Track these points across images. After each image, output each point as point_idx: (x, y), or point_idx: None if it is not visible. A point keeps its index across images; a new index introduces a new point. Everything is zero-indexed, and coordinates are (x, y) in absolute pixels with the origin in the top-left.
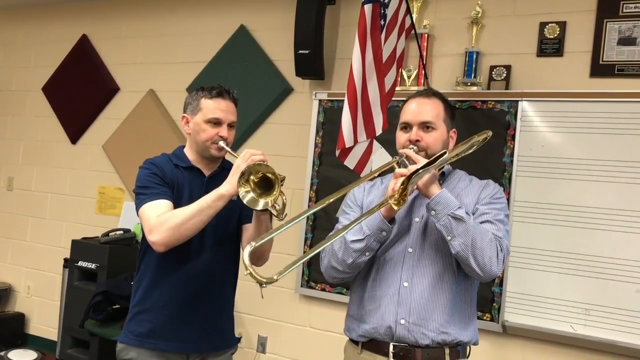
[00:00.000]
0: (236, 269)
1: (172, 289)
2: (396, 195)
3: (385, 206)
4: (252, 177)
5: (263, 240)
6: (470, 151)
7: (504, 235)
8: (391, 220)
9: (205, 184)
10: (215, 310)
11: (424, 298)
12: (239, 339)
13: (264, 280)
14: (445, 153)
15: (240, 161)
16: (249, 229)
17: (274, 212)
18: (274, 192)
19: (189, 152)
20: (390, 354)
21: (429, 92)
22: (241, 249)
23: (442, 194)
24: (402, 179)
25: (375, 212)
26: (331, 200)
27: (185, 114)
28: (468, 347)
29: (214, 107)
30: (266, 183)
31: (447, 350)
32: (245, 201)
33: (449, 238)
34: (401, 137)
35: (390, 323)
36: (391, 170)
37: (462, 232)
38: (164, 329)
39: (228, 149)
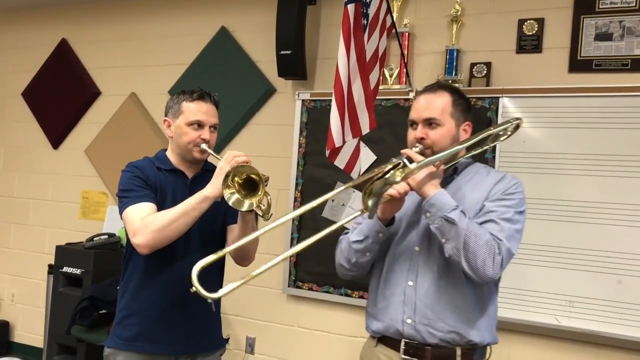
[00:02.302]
0: (221, 271)
1: (158, 292)
2: (362, 207)
3: (380, 206)
4: (236, 179)
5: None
6: (499, 142)
7: (508, 237)
8: (390, 222)
9: (189, 186)
10: (202, 312)
11: (429, 297)
12: (227, 340)
13: (210, 296)
14: (399, 163)
15: (224, 163)
16: (234, 230)
17: (260, 213)
18: (259, 193)
19: (171, 155)
20: (402, 350)
21: (435, 86)
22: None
23: (436, 196)
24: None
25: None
26: (316, 203)
27: (166, 118)
28: (487, 349)
29: (196, 110)
30: (250, 184)
31: (458, 351)
32: (230, 203)
33: (442, 241)
34: (409, 135)
35: (397, 322)
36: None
37: (453, 236)
38: (152, 331)
39: (210, 151)
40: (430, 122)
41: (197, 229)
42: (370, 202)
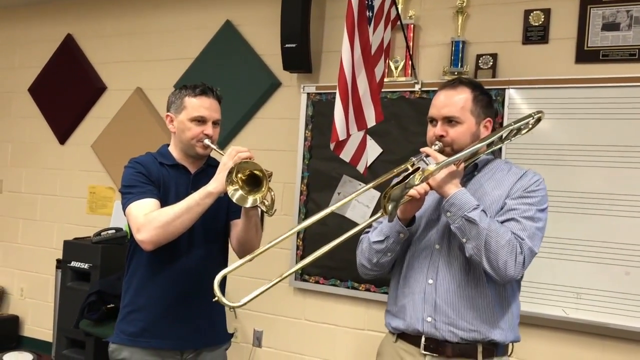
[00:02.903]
0: (225, 265)
1: (162, 287)
2: (382, 211)
3: (399, 207)
4: (239, 175)
5: (231, 269)
6: (521, 134)
7: (531, 235)
8: (410, 222)
9: (192, 181)
10: (207, 307)
11: (450, 296)
12: (232, 335)
13: (233, 305)
14: (418, 168)
15: (227, 159)
16: (237, 225)
17: (264, 208)
18: (262, 189)
19: (174, 150)
20: (422, 346)
21: (456, 83)
22: (230, 245)
23: (457, 195)
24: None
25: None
26: (324, 213)
27: (169, 113)
28: (509, 346)
29: (198, 105)
30: (254, 180)
31: (480, 348)
32: (234, 199)
33: (463, 240)
34: (429, 132)
35: (417, 321)
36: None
37: (474, 235)
38: (157, 327)
39: (213, 146)
40: (450, 120)
41: (201, 225)
42: (390, 207)
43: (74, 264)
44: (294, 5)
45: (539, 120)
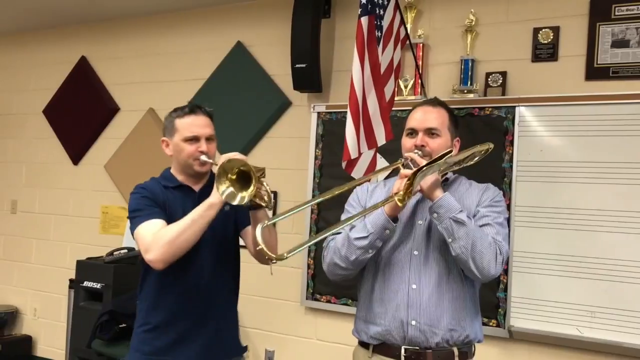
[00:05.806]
0: (237, 278)
1: (176, 306)
2: (401, 192)
3: (389, 203)
4: (229, 175)
5: (275, 220)
6: (472, 162)
7: (503, 239)
8: (395, 220)
9: (197, 199)
10: (221, 321)
11: (433, 298)
12: (246, 347)
13: (274, 256)
14: (451, 151)
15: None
16: (249, 232)
17: (263, 204)
18: (252, 185)
19: (176, 173)
20: (402, 357)
21: (435, 101)
22: (249, 250)
23: (444, 198)
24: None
25: (380, 211)
26: (335, 192)
27: (164, 138)
28: (473, 346)
29: (189, 124)
30: (246, 178)
31: (456, 352)
32: (224, 197)
33: (449, 240)
34: (407, 142)
35: (402, 324)
36: (395, 173)
37: (462, 235)
38: (172, 345)
39: (210, 161)
40: (432, 132)
41: (211, 239)
42: (416, 185)
43: (86, 283)
44: (304, 25)
45: (487, 151)
